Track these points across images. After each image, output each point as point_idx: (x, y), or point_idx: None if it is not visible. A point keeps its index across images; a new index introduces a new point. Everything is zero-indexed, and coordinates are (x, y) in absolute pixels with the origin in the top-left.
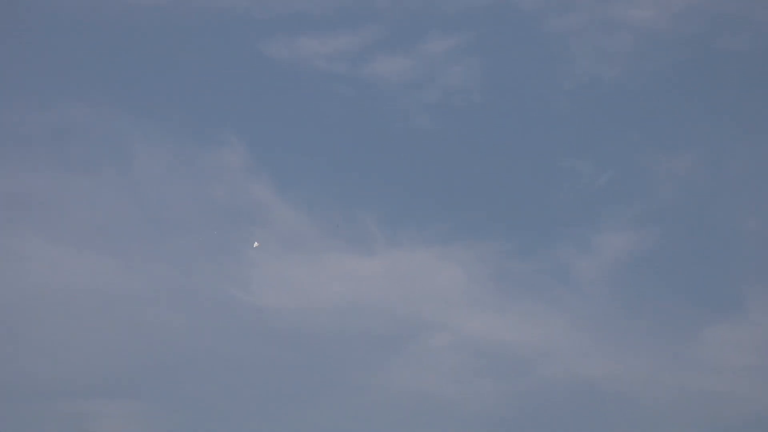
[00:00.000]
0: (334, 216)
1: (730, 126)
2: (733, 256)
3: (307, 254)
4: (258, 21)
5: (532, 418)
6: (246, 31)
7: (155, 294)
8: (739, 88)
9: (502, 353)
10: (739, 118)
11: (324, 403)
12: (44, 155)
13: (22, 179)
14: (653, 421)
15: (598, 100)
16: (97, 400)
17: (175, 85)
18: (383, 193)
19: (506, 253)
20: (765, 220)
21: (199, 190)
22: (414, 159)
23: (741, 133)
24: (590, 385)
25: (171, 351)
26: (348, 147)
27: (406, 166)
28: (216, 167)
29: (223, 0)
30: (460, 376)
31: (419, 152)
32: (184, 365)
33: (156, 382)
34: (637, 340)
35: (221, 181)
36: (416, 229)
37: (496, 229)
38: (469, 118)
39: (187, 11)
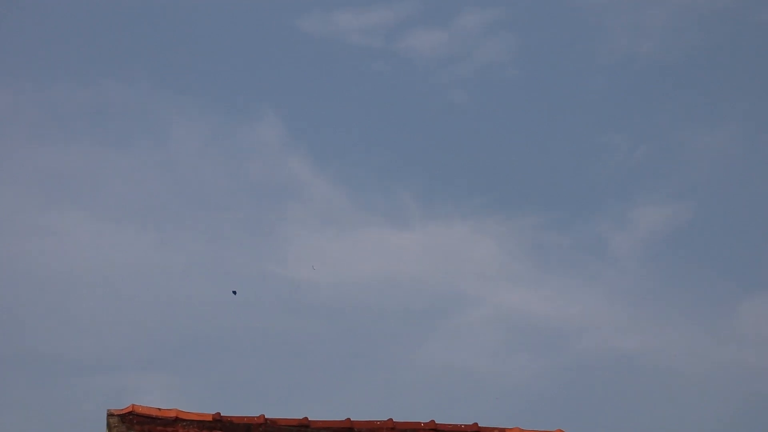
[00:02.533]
0: (371, 191)
1: (767, 100)
2: None
3: (344, 229)
4: None
5: (568, 391)
6: (282, 6)
7: (192, 269)
8: None
9: (539, 327)
10: None
11: (360, 377)
12: (82, 132)
13: (61, 156)
14: (691, 394)
15: (633, 74)
16: (137, 373)
17: (211, 61)
18: (419, 168)
19: (542, 228)
20: None
21: (235, 166)
22: (450, 133)
23: None
24: (627, 358)
25: (208, 325)
26: (384, 122)
27: (442, 140)
28: (252, 142)
29: None
30: (496, 351)
31: (455, 127)
32: (220, 339)
33: (193, 356)
34: (674, 313)
35: (258, 156)
36: (452, 203)
37: (532, 204)
38: (505, 93)
39: None
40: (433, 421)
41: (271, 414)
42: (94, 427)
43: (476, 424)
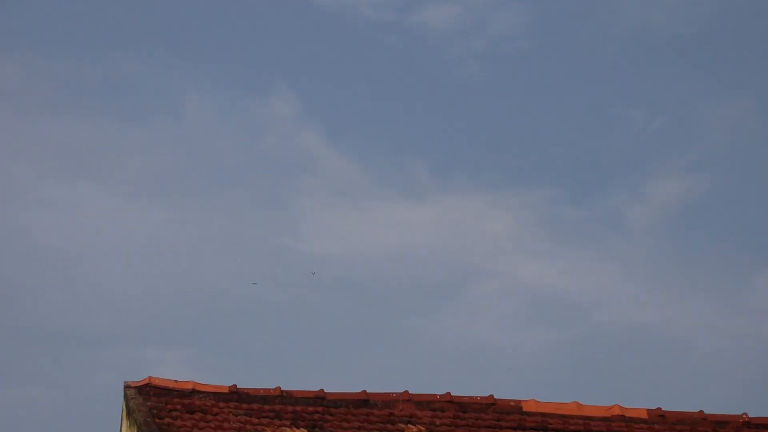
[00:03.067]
0: (385, 164)
1: None
2: None
3: (358, 202)
4: None
5: (583, 364)
6: None
7: (207, 243)
8: None
9: (554, 300)
10: None
11: (375, 350)
12: (96, 106)
13: (75, 130)
14: (708, 367)
15: (648, 46)
16: (154, 347)
17: (225, 35)
18: (433, 141)
19: (557, 201)
20: None
21: (249, 140)
22: (464, 106)
23: None
24: (642, 331)
25: (224, 299)
26: (397, 95)
27: (456, 113)
28: (266, 117)
29: None
30: (511, 323)
31: (469, 100)
32: (236, 313)
33: (210, 330)
34: (690, 286)
35: (271, 130)
36: (466, 176)
37: (547, 177)
38: (518, 65)
39: None
40: (448, 393)
41: (287, 386)
42: (111, 398)
43: (492, 396)
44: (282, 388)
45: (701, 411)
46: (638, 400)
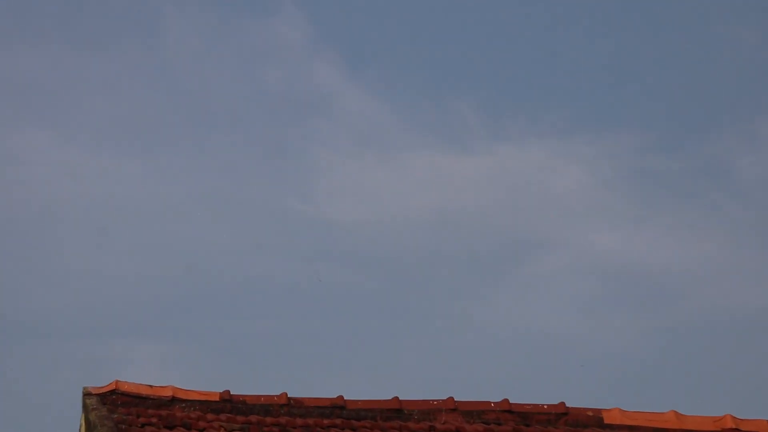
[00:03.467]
0: (420, 104)
1: None
2: None
3: (387, 153)
4: None
5: (680, 362)
6: None
7: (194, 207)
8: None
9: (640, 279)
10: None
11: (409, 344)
12: (51, 32)
13: (24, 63)
14: None
15: None
16: (122, 340)
17: None
18: (483, 74)
19: (644, 148)
20: None
21: (246, 73)
22: (521, 30)
23: None
24: (758, 318)
25: (215, 279)
26: (436, 15)
27: (510, 39)
28: (268, 43)
29: None
30: (583, 308)
31: (528, 20)
32: (231, 295)
33: (195, 320)
34: None
35: (275, 60)
36: (526, 118)
37: (631, 117)
38: None
39: None
40: (506, 400)
41: (295, 392)
42: (66, 408)
43: (563, 404)
44: (289, 395)
45: None
46: (755, 410)
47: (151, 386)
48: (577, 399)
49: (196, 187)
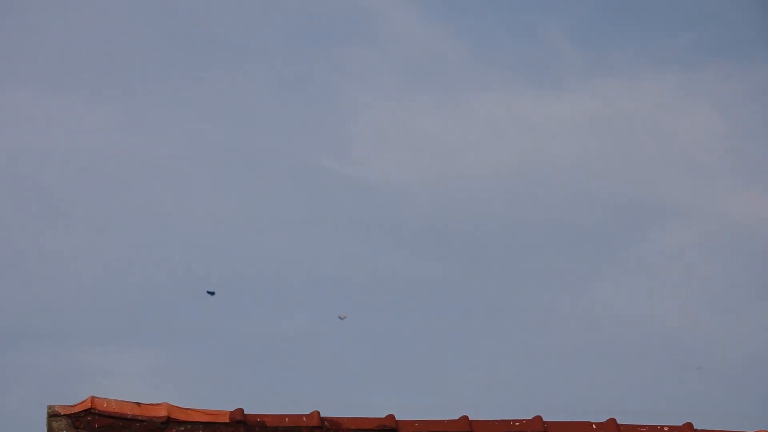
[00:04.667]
0: (495, 28)
1: None
2: None
3: (449, 93)
4: None
5: None
6: None
7: (190, 168)
8: None
9: None
10: None
11: (480, 344)
12: None
13: None
14: None
15: None
16: (99, 347)
17: None
18: None
19: None
20: None
21: None
22: None
23: None
24: None
25: (221, 263)
26: None
27: None
28: None
29: None
30: (718, 298)
31: None
32: (244, 285)
33: (200, 315)
34: None
35: None
36: (634, 45)
37: None
38: None
39: None
40: (613, 420)
41: (330, 410)
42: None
43: (690, 425)
44: (322, 414)
45: None
46: None
47: (138, 404)
48: (708, 420)
49: (192, 141)
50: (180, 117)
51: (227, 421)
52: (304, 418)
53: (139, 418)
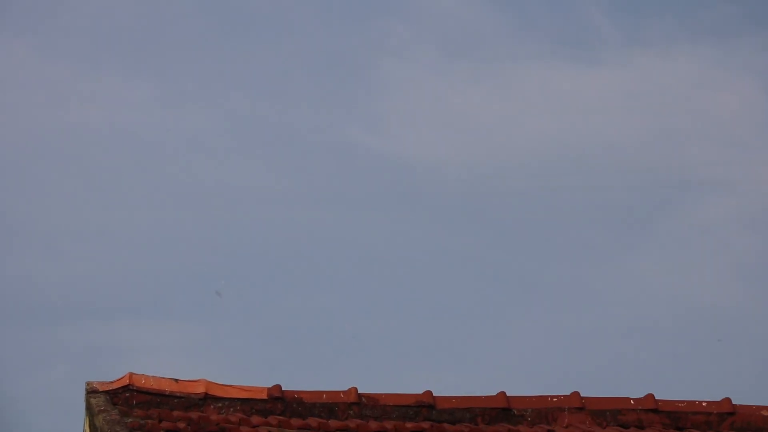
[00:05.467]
0: (531, 3)
1: None
2: None
3: (485, 66)
4: None
5: None
6: None
7: (224, 142)
8: None
9: None
10: None
11: (517, 320)
12: None
13: None
14: None
15: None
16: (134, 321)
17: None
18: None
19: None
20: None
21: None
22: None
23: None
24: None
25: (258, 238)
26: None
27: None
28: None
29: None
30: (752, 273)
31: None
32: (281, 261)
33: (237, 291)
34: None
35: None
36: (671, 16)
37: None
38: None
39: None
40: (651, 396)
41: (367, 387)
42: (65, 410)
43: (728, 401)
44: (360, 391)
45: None
46: None
47: (176, 380)
48: (745, 395)
49: (226, 116)
50: (213, 93)
51: (265, 397)
52: (342, 395)
53: (177, 394)
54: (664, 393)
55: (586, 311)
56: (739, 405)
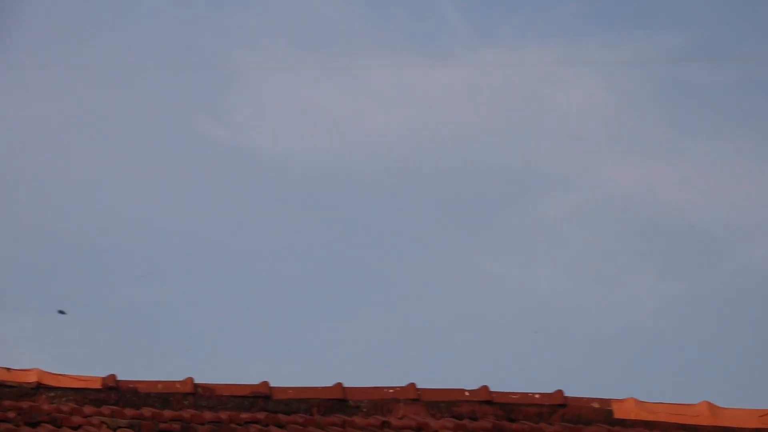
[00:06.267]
0: None
1: None
2: None
3: (335, 59)
4: None
5: (717, 339)
6: None
7: (64, 131)
8: None
9: (672, 229)
10: None
11: (358, 314)
12: None
13: None
14: None
15: None
16: None
17: None
18: None
19: (682, 54)
20: None
21: None
22: None
23: None
24: None
25: (94, 227)
26: None
27: None
28: None
29: None
30: (593, 268)
31: None
32: (118, 251)
33: (72, 280)
34: None
35: None
36: (521, 14)
37: (666, 11)
38: None
39: None
40: (485, 388)
41: (203, 377)
42: None
43: (561, 393)
44: (195, 381)
45: None
46: None
47: (8, 369)
48: (578, 387)
49: (65, 105)
50: (52, 82)
51: (99, 387)
52: (178, 385)
53: (8, 383)
54: (499, 385)
55: (426, 305)
56: (571, 397)
